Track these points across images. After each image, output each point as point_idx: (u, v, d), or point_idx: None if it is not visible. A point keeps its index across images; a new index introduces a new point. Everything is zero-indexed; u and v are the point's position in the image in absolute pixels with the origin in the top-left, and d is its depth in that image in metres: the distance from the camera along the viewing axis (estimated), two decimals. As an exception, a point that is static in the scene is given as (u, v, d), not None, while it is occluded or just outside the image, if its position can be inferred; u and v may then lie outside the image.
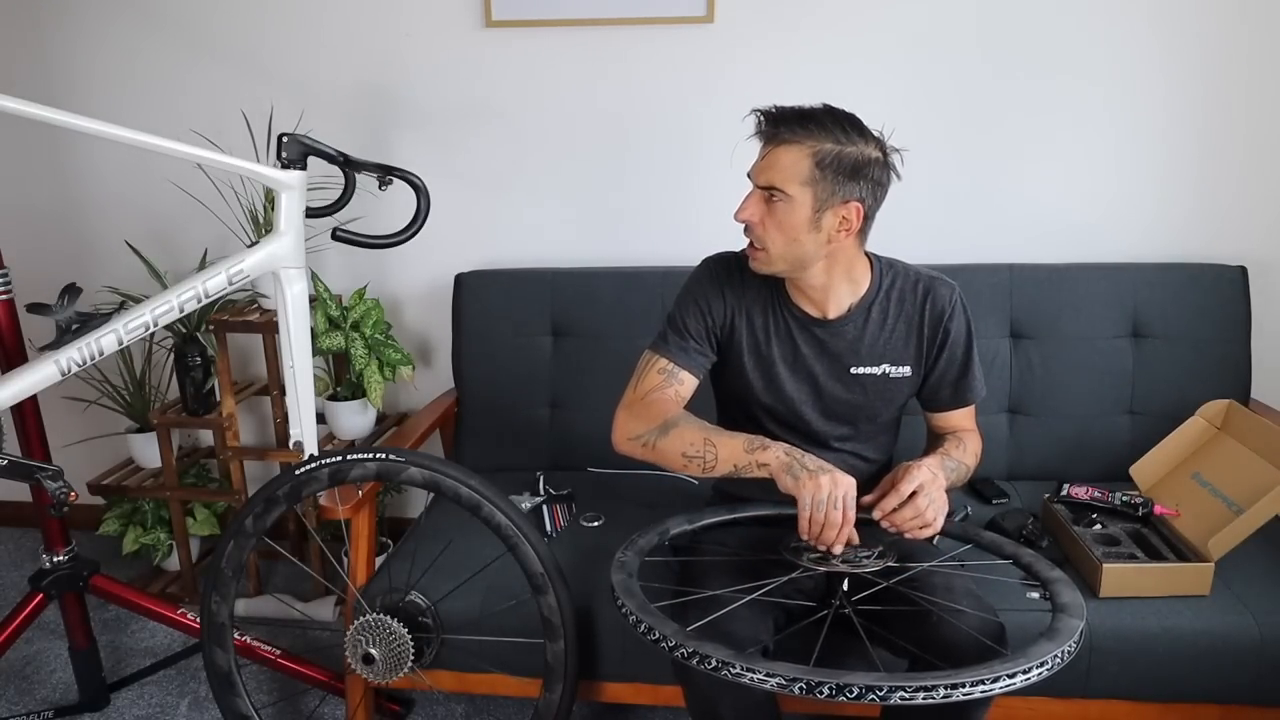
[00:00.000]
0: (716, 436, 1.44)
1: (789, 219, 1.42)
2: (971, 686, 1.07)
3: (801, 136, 1.39)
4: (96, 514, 2.45)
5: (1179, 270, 2.09)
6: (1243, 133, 2.12)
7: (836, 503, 1.32)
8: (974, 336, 1.58)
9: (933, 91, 2.16)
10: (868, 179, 1.41)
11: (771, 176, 1.41)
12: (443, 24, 2.25)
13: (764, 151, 1.44)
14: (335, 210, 1.64)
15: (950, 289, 1.55)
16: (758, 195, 1.44)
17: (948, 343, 1.55)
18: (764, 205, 1.43)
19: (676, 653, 1.16)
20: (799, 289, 1.54)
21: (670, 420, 1.48)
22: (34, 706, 2.00)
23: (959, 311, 1.55)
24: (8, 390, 1.47)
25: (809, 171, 1.39)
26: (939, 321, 1.54)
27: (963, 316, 1.55)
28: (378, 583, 1.72)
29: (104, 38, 2.36)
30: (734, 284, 1.58)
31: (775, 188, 1.41)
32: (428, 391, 2.42)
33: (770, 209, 1.43)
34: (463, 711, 1.96)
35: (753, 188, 1.45)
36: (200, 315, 2.24)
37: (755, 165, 1.46)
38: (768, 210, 1.43)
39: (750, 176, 1.46)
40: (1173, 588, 1.58)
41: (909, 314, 1.55)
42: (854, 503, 1.34)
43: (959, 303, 1.55)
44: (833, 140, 1.38)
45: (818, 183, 1.39)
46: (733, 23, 2.17)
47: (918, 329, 1.55)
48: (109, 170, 2.45)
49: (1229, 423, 1.80)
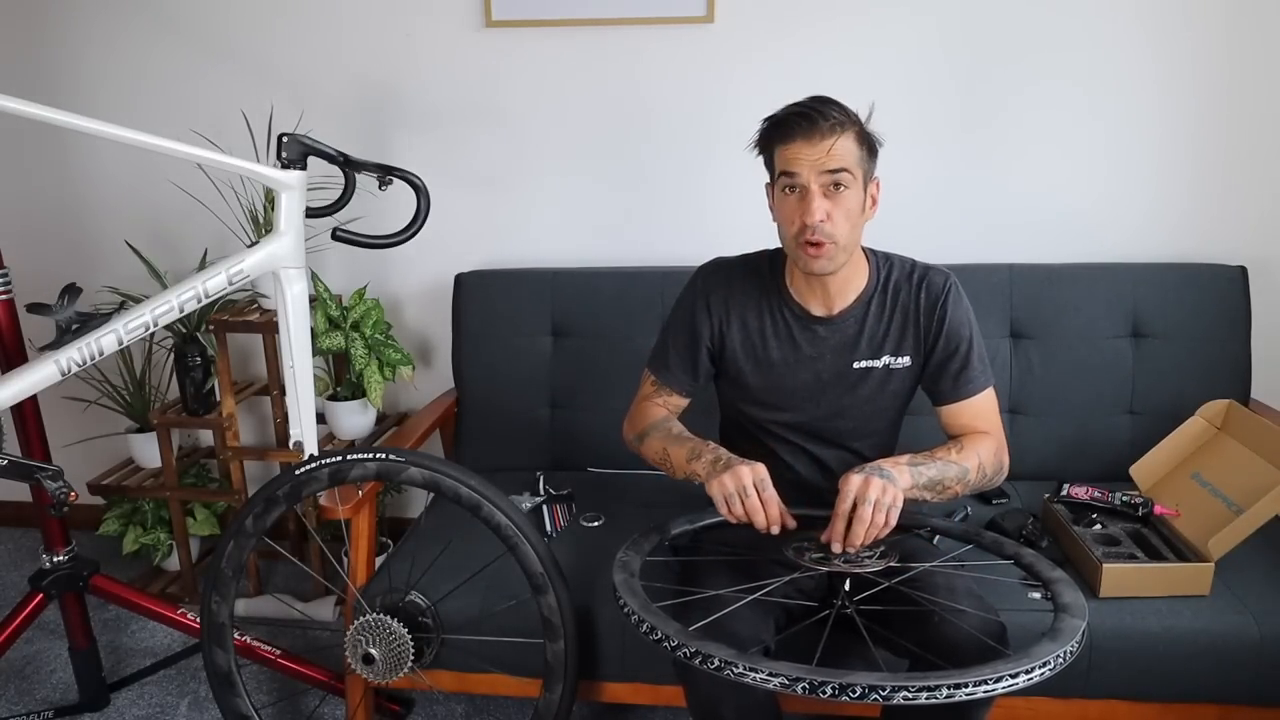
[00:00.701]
0: (672, 447, 1.52)
1: (853, 204, 1.43)
2: (975, 686, 1.07)
3: (845, 120, 1.42)
4: (96, 514, 2.45)
5: (1179, 270, 2.09)
6: (1243, 133, 2.12)
7: (747, 491, 1.36)
8: (974, 326, 1.56)
9: (933, 91, 2.16)
10: (877, 154, 1.47)
11: (840, 162, 1.40)
12: (443, 24, 2.25)
13: (814, 144, 1.40)
14: (335, 210, 1.64)
15: (944, 276, 1.56)
16: (819, 191, 1.41)
17: (944, 330, 1.54)
18: (829, 200, 1.42)
19: (679, 652, 1.16)
20: (815, 285, 1.54)
21: (647, 428, 1.60)
22: (34, 706, 2.00)
23: (953, 298, 1.54)
24: (8, 390, 1.47)
25: (858, 152, 1.42)
26: (934, 307, 1.54)
27: (959, 304, 1.55)
28: (378, 583, 1.72)
29: (104, 38, 2.36)
30: (723, 292, 1.60)
31: (845, 170, 1.41)
32: (428, 391, 2.42)
33: (836, 199, 1.42)
34: (463, 711, 1.96)
35: (811, 186, 1.41)
36: (200, 315, 2.24)
37: (804, 161, 1.40)
38: (833, 203, 1.42)
39: (798, 177, 1.41)
40: (1173, 588, 1.58)
41: (905, 303, 1.55)
42: (767, 484, 1.37)
43: (953, 289, 1.55)
44: (857, 122, 1.43)
45: (865, 162, 1.44)
46: (733, 23, 2.17)
47: (914, 317, 1.55)
48: (109, 170, 2.45)
49: (1229, 423, 1.80)
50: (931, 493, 1.43)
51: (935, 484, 1.43)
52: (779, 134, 1.43)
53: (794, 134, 1.41)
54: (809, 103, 1.42)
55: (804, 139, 1.40)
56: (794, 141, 1.41)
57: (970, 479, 1.48)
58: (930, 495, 1.43)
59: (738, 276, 1.61)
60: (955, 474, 1.45)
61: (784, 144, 1.43)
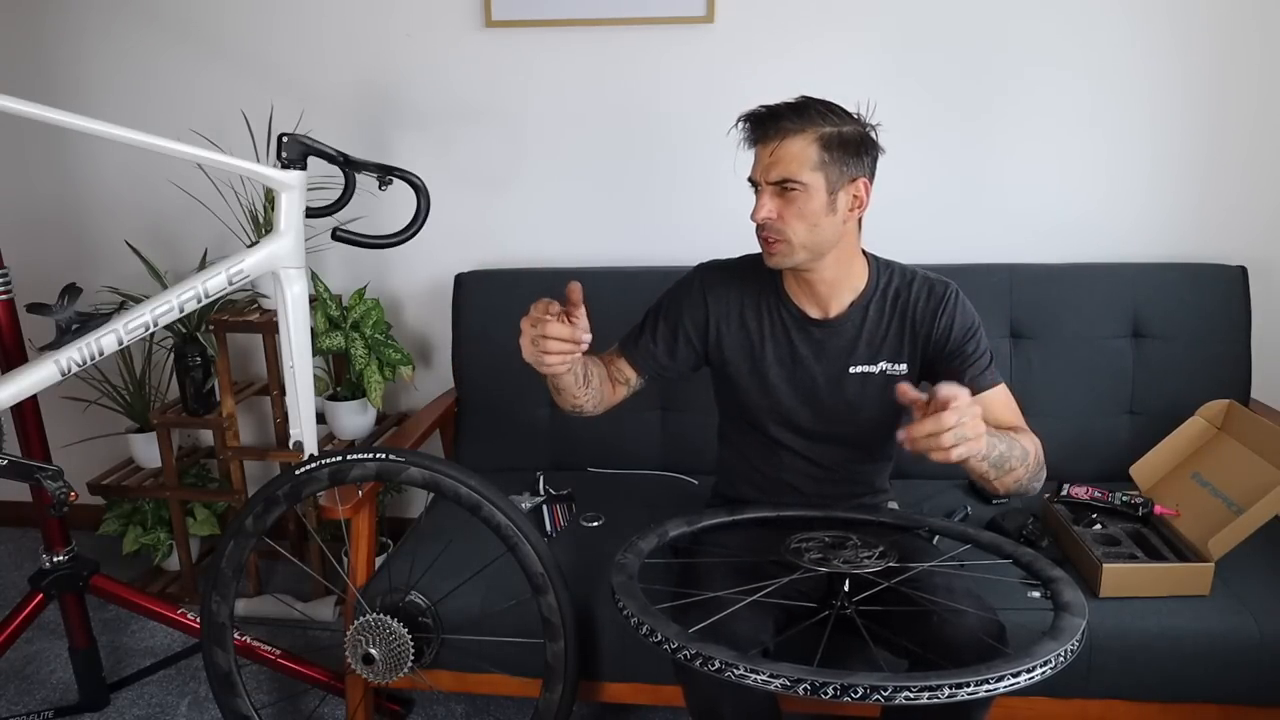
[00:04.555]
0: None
1: (807, 206, 1.43)
2: (976, 686, 1.07)
3: (801, 124, 1.42)
4: (96, 514, 2.45)
5: (1179, 270, 2.09)
6: (1243, 132, 2.12)
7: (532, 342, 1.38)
8: (982, 328, 1.54)
9: (933, 91, 2.16)
10: (868, 154, 1.46)
11: (783, 170, 1.42)
12: (443, 24, 2.25)
13: (768, 149, 1.44)
14: (335, 210, 1.64)
15: (945, 285, 1.55)
16: (770, 191, 1.45)
17: (951, 329, 1.52)
18: (779, 200, 1.44)
19: (679, 654, 1.16)
20: (805, 286, 1.55)
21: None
22: (34, 706, 2.00)
23: (958, 301, 1.54)
24: (8, 390, 1.47)
25: (817, 155, 1.42)
26: (936, 311, 1.53)
27: (965, 307, 1.54)
28: (378, 583, 1.72)
29: (105, 38, 2.36)
30: (722, 291, 1.60)
31: (789, 180, 1.42)
32: (428, 391, 2.42)
33: (787, 201, 1.44)
34: (463, 711, 1.96)
35: (762, 187, 1.45)
36: (200, 315, 2.24)
37: (759, 166, 1.46)
38: (784, 203, 1.44)
39: (755, 180, 1.47)
40: (1173, 588, 1.59)
41: (903, 310, 1.55)
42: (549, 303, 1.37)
43: (954, 297, 1.54)
44: (829, 123, 1.42)
45: (827, 165, 1.42)
46: (733, 23, 2.17)
47: (913, 324, 1.55)
48: (109, 170, 2.45)
49: (1229, 423, 1.80)
50: (996, 470, 1.36)
51: (1004, 460, 1.36)
52: (746, 137, 1.48)
53: (750, 137, 1.47)
54: (771, 107, 1.45)
55: (759, 143, 1.46)
56: (753, 145, 1.47)
57: (1030, 463, 1.42)
58: (993, 473, 1.37)
59: (736, 277, 1.61)
60: (1019, 455, 1.39)
61: (751, 148, 1.48)
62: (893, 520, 1.62)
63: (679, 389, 2.07)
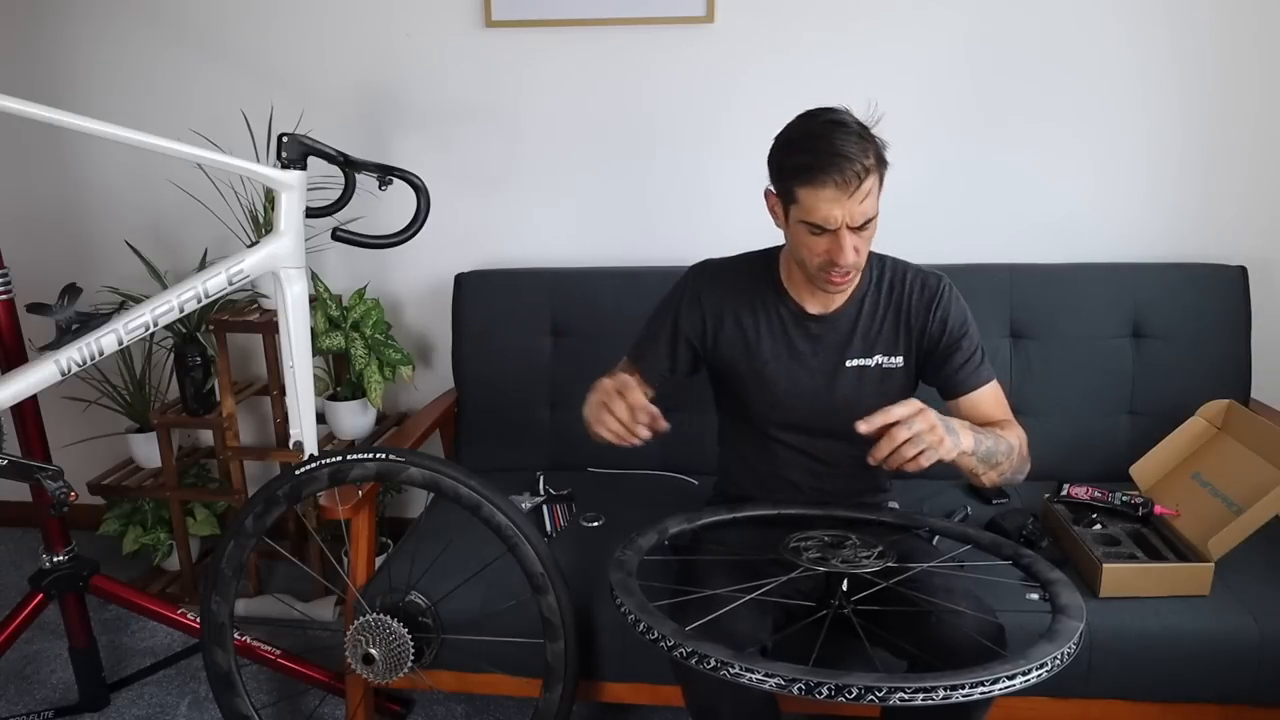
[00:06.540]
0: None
1: (874, 230, 1.44)
2: (971, 688, 1.07)
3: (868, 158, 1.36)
4: (96, 514, 2.45)
5: (1179, 270, 2.08)
6: (1243, 132, 2.12)
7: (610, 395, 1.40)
8: (973, 324, 1.56)
9: (933, 91, 2.16)
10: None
11: (867, 210, 1.38)
12: (443, 24, 2.25)
13: (847, 193, 1.35)
14: (335, 210, 1.64)
15: (938, 279, 1.56)
16: (850, 232, 1.38)
17: (945, 324, 1.54)
18: (857, 234, 1.40)
19: (676, 652, 1.16)
20: (808, 282, 1.54)
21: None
22: (34, 706, 2.00)
23: (951, 295, 1.55)
24: (8, 390, 1.47)
25: (878, 183, 1.40)
26: (930, 305, 1.54)
27: (956, 300, 1.55)
28: (378, 583, 1.72)
29: (104, 38, 2.36)
30: (716, 291, 1.60)
31: (874, 216, 1.41)
32: (428, 391, 2.42)
33: (863, 238, 1.42)
34: (463, 711, 1.96)
35: (842, 230, 1.38)
36: (200, 315, 2.24)
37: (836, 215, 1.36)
38: (861, 240, 1.42)
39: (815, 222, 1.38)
40: (1173, 588, 1.58)
41: (899, 302, 1.56)
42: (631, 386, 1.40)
43: (946, 290, 1.55)
44: (874, 144, 1.39)
45: (880, 186, 1.41)
46: (733, 23, 2.17)
47: (907, 317, 1.55)
48: (109, 170, 2.45)
49: (1229, 423, 1.80)
50: (985, 465, 1.42)
51: (991, 455, 1.42)
52: (805, 177, 1.36)
53: (824, 182, 1.35)
54: (839, 144, 1.34)
55: (838, 189, 1.35)
56: (824, 189, 1.35)
57: (1015, 458, 1.46)
58: (982, 468, 1.42)
59: (730, 277, 1.62)
60: (1005, 450, 1.44)
61: (810, 187, 1.36)
62: (892, 520, 1.62)
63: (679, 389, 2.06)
